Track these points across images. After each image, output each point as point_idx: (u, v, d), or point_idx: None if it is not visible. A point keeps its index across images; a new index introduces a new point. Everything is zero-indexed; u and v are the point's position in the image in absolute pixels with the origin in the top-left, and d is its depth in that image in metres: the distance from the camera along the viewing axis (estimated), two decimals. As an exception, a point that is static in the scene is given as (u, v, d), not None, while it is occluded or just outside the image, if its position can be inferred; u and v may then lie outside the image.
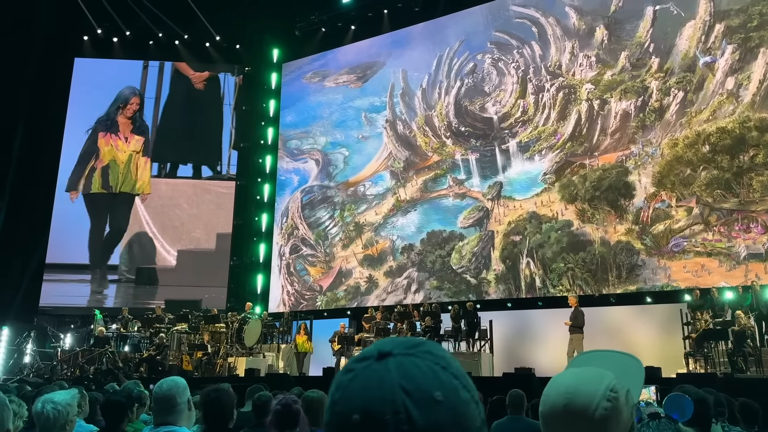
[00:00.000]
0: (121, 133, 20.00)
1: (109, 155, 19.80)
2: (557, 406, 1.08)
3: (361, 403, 0.72)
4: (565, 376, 1.12)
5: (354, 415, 0.71)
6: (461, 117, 16.66)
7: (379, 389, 0.72)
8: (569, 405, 1.07)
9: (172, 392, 2.51)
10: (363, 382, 0.74)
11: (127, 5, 18.20)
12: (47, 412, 2.72)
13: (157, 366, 13.76)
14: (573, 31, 15.30)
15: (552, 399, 1.10)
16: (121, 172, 19.69)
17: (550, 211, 14.70)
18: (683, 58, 13.71)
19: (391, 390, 0.71)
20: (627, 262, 13.45)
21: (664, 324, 12.91)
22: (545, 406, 1.11)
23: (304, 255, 18.62)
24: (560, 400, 1.08)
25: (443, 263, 16.01)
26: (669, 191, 13.26)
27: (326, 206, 18.55)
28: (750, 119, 12.61)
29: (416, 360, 0.75)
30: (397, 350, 0.76)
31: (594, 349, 1.33)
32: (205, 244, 19.46)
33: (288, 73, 20.49)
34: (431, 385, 0.73)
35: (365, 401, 0.72)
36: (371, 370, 0.74)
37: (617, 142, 14.19)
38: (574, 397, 1.07)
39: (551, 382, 1.13)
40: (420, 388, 0.72)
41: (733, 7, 13.34)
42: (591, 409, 1.06)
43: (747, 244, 12.23)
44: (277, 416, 2.99)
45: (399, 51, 18.10)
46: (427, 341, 0.80)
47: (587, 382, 1.09)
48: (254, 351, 14.33)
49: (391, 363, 0.74)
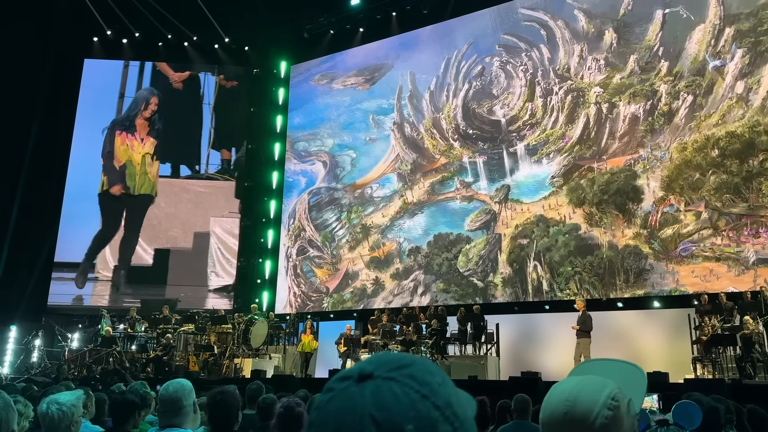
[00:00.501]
0: (137, 133, 20.08)
1: (124, 155, 19.87)
2: (557, 414, 1.08)
3: (333, 429, 0.69)
4: (566, 384, 1.12)
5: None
6: (469, 120, 16.64)
7: (350, 416, 0.69)
8: (569, 413, 1.06)
9: (178, 395, 2.51)
10: (338, 405, 0.71)
11: (135, 7, 18.29)
12: (52, 412, 2.73)
13: (164, 366, 13.80)
14: (582, 34, 15.26)
15: (552, 406, 1.09)
16: (137, 173, 19.78)
17: (557, 214, 14.65)
18: (692, 62, 13.64)
19: (360, 419, 0.68)
20: (635, 267, 13.38)
21: (671, 329, 12.83)
22: (545, 413, 1.10)
23: (310, 257, 18.64)
24: (560, 407, 1.08)
25: (450, 266, 15.99)
26: (678, 195, 13.19)
27: (333, 208, 18.57)
28: (759, 123, 12.53)
29: (395, 386, 0.70)
30: (379, 372, 0.72)
31: (597, 358, 1.32)
32: (182, 243, 19.53)
33: (296, 75, 20.54)
34: (404, 417, 0.68)
35: (336, 427, 0.69)
36: (347, 394, 0.71)
37: (626, 145, 14.13)
38: (574, 405, 1.07)
39: (552, 390, 1.13)
40: (391, 419, 0.67)
41: (743, 10, 13.26)
42: (591, 418, 1.05)
43: (756, 249, 12.14)
44: (279, 419, 2.99)
45: (407, 53, 18.11)
46: (417, 362, 0.75)
47: (588, 390, 1.08)
48: (260, 352, 14.35)
49: (368, 387, 0.70)
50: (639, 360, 12.54)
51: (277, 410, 3.06)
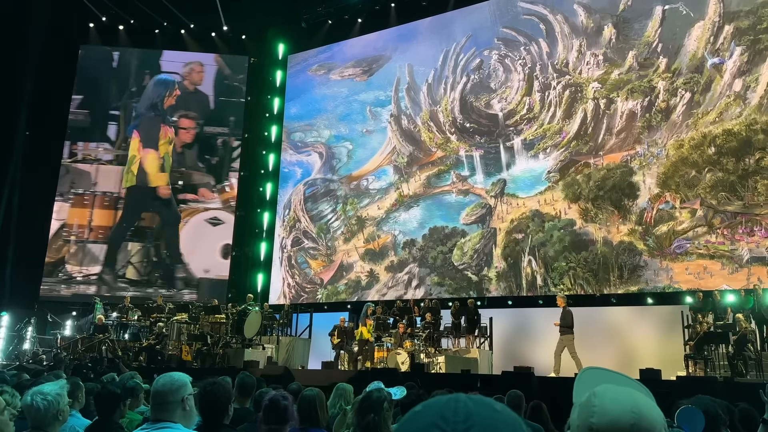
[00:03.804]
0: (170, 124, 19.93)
1: (164, 149, 19.68)
2: (623, 423, 1.06)
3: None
4: (623, 394, 1.10)
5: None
6: (466, 113, 16.59)
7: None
8: (637, 425, 1.05)
9: (165, 389, 2.48)
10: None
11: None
12: (37, 403, 2.69)
13: (156, 355, 13.78)
14: (581, 29, 15.21)
15: (615, 414, 1.07)
16: (168, 164, 19.69)
17: (553, 209, 14.64)
18: (691, 59, 13.61)
19: None
20: (629, 263, 13.40)
21: (664, 326, 12.87)
22: (604, 418, 1.07)
23: (305, 248, 18.61)
24: (626, 417, 1.06)
25: (445, 259, 15.98)
26: (673, 192, 13.19)
27: (329, 200, 18.53)
28: (757, 122, 12.53)
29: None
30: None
31: (606, 368, 1.32)
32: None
33: (293, 65, 20.43)
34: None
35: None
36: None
37: (622, 141, 14.11)
38: (640, 419, 1.06)
39: (605, 397, 1.10)
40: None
41: (743, 8, 13.23)
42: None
43: (750, 247, 12.16)
44: (265, 411, 2.98)
45: (405, 45, 18.03)
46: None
47: (649, 407, 1.09)
48: (254, 343, 14.34)
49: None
50: (631, 356, 12.61)
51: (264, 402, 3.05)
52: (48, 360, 14.49)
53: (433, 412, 0.80)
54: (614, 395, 1.10)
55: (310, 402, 3.44)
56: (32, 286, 18.21)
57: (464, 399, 0.81)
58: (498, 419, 0.80)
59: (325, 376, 10.62)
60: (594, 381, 1.17)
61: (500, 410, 0.81)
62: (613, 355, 12.97)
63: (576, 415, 1.11)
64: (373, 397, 2.97)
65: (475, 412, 0.79)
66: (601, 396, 1.10)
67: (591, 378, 1.27)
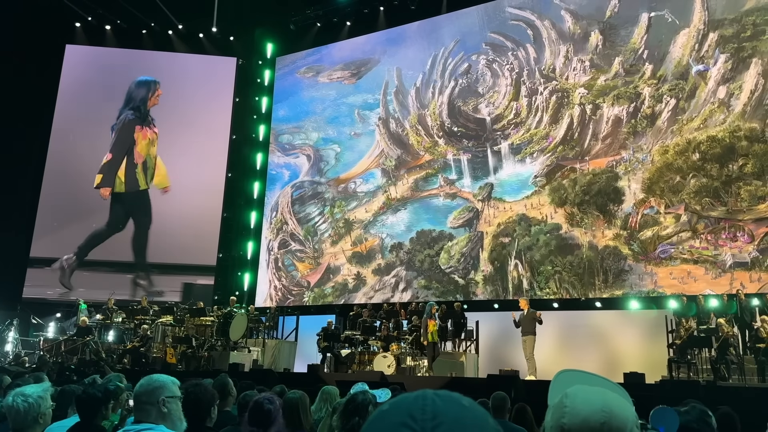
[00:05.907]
0: (152, 126, 19.65)
1: (145, 150, 19.41)
2: (592, 423, 1.06)
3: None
4: (593, 394, 1.10)
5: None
6: (454, 117, 16.64)
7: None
8: (607, 423, 1.05)
9: (141, 390, 2.47)
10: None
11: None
12: (17, 405, 2.67)
13: (141, 358, 13.67)
14: (568, 35, 15.32)
15: (585, 414, 1.07)
16: (150, 166, 19.45)
17: (539, 213, 14.72)
18: (676, 66, 13.75)
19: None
20: (614, 267, 13.49)
21: (648, 330, 12.96)
22: (575, 418, 1.07)
23: (292, 250, 18.56)
24: (596, 416, 1.06)
25: (432, 263, 16.00)
26: (658, 198, 13.31)
27: (316, 202, 18.50)
28: (740, 129, 12.68)
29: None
30: None
31: (582, 370, 1.33)
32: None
33: (282, 67, 20.40)
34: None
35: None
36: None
37: (608, 147, 14.22)
38: (611, 418, 1.06)
39: (577, 397, 1.10)
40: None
41: (727, 16, 13.39)
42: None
43: (733, 252, 12.30)
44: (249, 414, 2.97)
45: (394, 49, 18.06)
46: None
47: (620, 405, 1.08)
48: (239, 345, 14.26)
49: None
50: (616, 360, 12.69)
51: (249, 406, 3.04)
52: (30, 362, 14.33)
53: (401, 410, 0.79)
54: (585, 395, 1.10)
55: (292, 405, 3.43)
56: (15, 288, 17.99)
57: (431, 396, 0.81)
58: (466, 415, 0.79)
59: (312, 380, 10.55)
60: (569, 383, 1.18)
61: (468, 406, 0.81)
62: (598, 359, 13.04)
63: (549, 416, 1.11)
64: (358, 400, 2.97)
65: (443, 408, 0.79)
66: (572, 396, 1.10)
67: (566, 380, 1.27)
